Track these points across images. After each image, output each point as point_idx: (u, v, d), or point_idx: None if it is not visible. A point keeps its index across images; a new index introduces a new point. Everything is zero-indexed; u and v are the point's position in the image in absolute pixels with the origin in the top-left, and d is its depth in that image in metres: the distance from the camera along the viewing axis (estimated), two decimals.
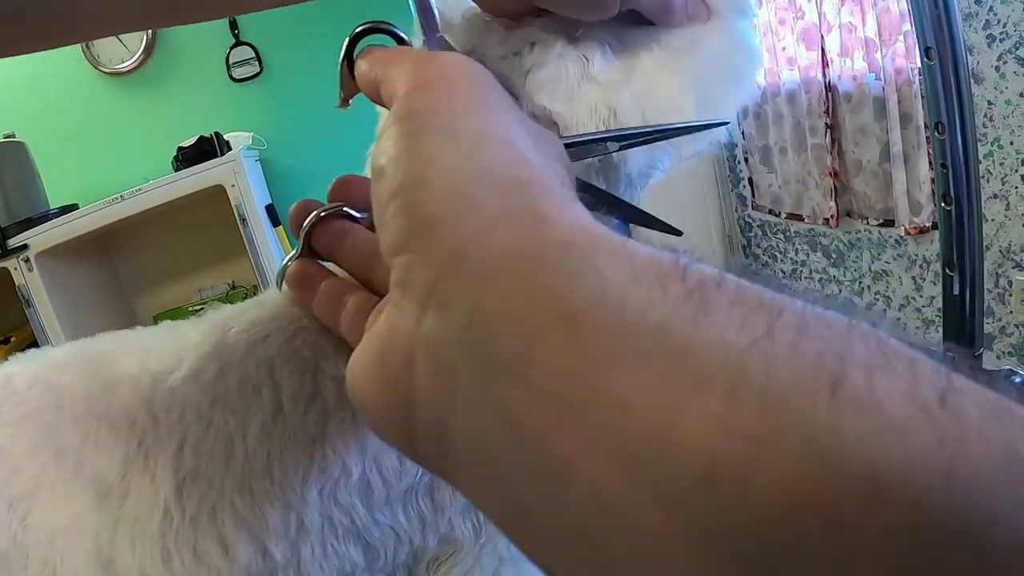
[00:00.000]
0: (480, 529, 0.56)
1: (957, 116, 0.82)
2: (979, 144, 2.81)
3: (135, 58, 3.68)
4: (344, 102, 0.50)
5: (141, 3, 0.40)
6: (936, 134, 0.84)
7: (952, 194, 0.85)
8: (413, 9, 0.63)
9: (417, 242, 0.30)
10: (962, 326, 0.92)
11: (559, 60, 0.54)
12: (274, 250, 3.37)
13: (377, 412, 0.32)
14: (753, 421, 0.20)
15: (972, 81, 2.82)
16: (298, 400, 0.50)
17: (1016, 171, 2.86)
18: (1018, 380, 0.95)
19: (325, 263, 0.49)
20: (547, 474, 0.24)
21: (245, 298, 0.61)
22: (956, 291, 0.90)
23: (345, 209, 0.47)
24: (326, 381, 0.51)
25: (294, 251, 0.49)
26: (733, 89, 0.60)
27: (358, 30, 0.45)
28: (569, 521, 0.24)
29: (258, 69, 3.80)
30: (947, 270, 0.90)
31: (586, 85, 0.54)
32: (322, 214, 0.47)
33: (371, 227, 0.47)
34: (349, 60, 0.46)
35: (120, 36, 3.48)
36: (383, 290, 0.41)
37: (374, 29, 0.45)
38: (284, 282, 0.49)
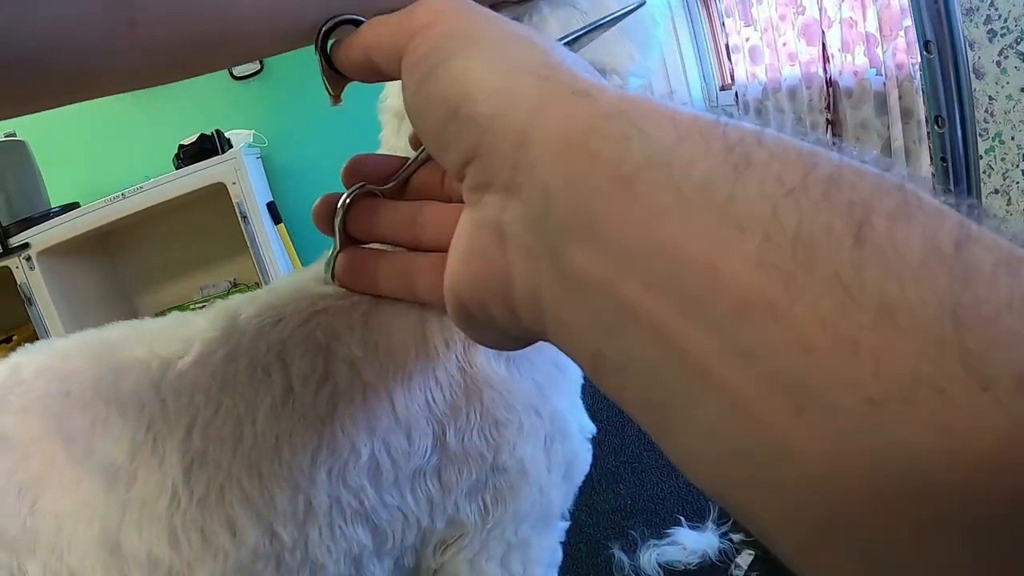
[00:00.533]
0: (488, 513, 0.56)
1: (957, 110, 0.82)
2: (980, 139, 2.82)
3: None
4: (336, 99, 0.49)
5: (154, 62, 0.41)
6: (936, 128, 0.84)
7: (952, 188, 0.85)
8: None
9: (483, 146, 0.32)
10: None
11: (553, 21, 0.55)
12: (275, 247, 3.37)
13: (479, 298, 0.36)
14: (785, 261, 0.23)
15: (973, 76, 2.82)
16: (309, 382, 0.51)
17: (1017, 166, 2.86)
18: None
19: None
20: (616, 318, 0.27)
21: None
22: None
23: (367, 187, 0.47)
24: (338, 363, 0.52)
25: (334, 245, 0.49)
26: None
27: (324, 27, 0.44)
28: (635, 358, 0.27)
29: (259, 67, 3.79)
30: None
31: (584, 21, 0.55)
32: (348, 200, 0.47)
33: (395, 197, 0.48)
34: (326, 57, 0.46)
35: None
36: (434, 244, 0.46)
37: (341, 22, 0.44)
38: (337, 278, 0.50)
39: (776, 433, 0.23)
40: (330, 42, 0.45)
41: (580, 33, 0.48)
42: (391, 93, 0.69)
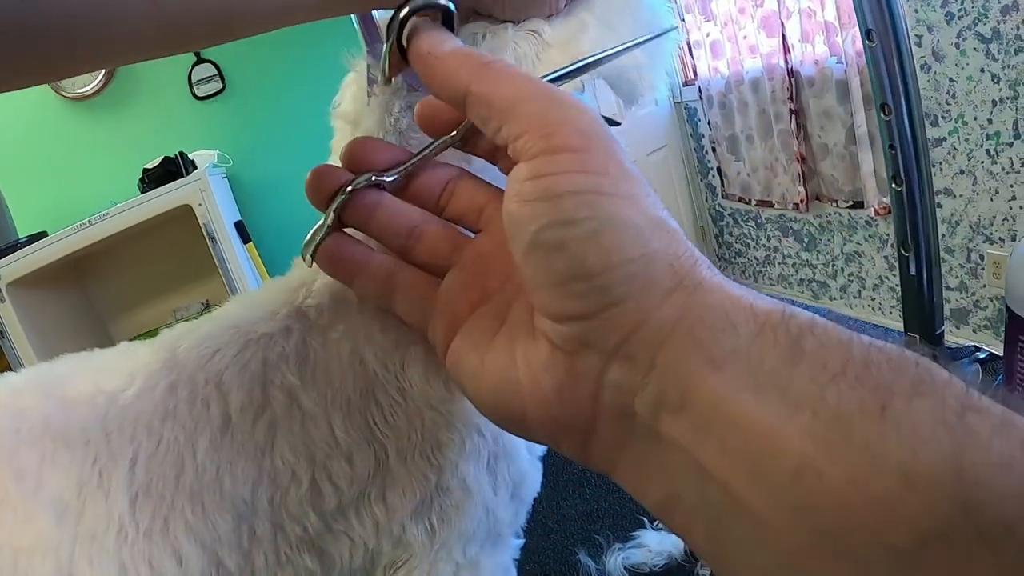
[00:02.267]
0: (434, 533, 0.56)
1: (903, 96, 0.82)
2: (943, 121, 2.84)
3: (96, 82, 3.66)
4: (388, 80, 0.49)
5: (165, 29, 0.40)
6: (882, 115, 0.84)
7: (902, 174, 0.85)
8: (356, 24, 0.63)
9: (605, 315, 0.35)
10: (921, 305, 0.92)
11: (514, 45, 0.54)
12: (245, 267, 3.36)
13: (548, 425, 0.39)
14: (828, 433, 0.29)
15: (933, 59, 2.84)
16: (246, 412, 0.51)
17: (981, 146, 2.88)
18: (983, 356, 0.96)
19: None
20: (692, 472, 0.33)
21: None
22: (913, 271, 0.90)
23: (375, 178, 0.46)
24: (274, 392, 0.52)
25: (322, 224, 0.47)
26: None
27: (409, 8, 0.42)
28: (705, 505, 0.33)
29: (221, 86, 3.78)
30: (902, 250, 0.89)
31: (544, 53, 0.55)
32: (352, 188, 0.46)
33: (396, 193, 0.48)
34: (399, 39, 0.43)
35: None
36: (422, 262, 0.48)
37: (427, 5, 0.42)
38: (315, 260, 0.48)
39: None
40: (408, 26, 0.43)
41: (597, 57, 0.48)
42: (346, 99, 0.68)
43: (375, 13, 0.61)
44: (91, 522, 0.48)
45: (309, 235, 0.47)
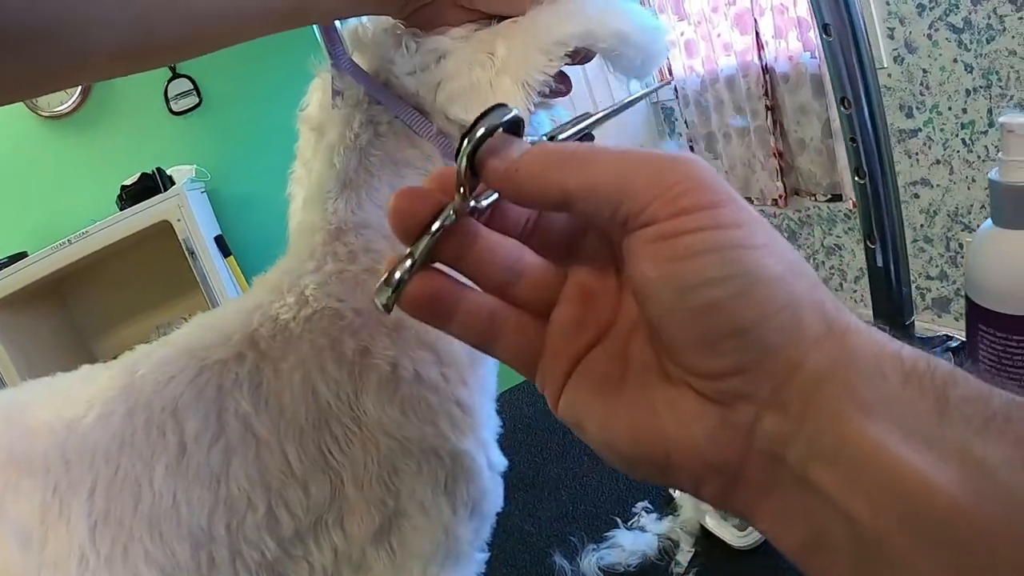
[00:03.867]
0: (394, 556, 0.56)
1: (862, 89, 0.83)
2: (918, 111, 2.85)
3: (73, 100, 3.64)
4: (464, 198, 0.38)
5: (151, 39, 0.42)
6: (843, 109, 0.84)
7: (865, 167, 0.85)
8: (319, 36, 0.63)
9: (760, 366, 0.35)
10: (890, 296, 0.92)
11: (469, 68, 0.55)
12: (226, 281, 3.35)
13: (698, 475, 0.38)
14: (978, 484, 0.30)
15: (907, 50, 2.86)
16: (201, 439, 0.51)
17: (957, 135, 2.90)
18: (955, 344, 0.96)
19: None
20: (839, 517, 0.33)
21: None
22: (880, 263, 0.90)
23: (473, 204, 0.38)
24: (229, 418, 0.52)
25: (408, 260, 0.38)
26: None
27: (481, 131, 0.37)
28: (852, 549, 0.33)
29: (197, 100, 3.77)
30: (868, 242, 0.90)
31: (498, 80, 0.55)
32: (455, 214, 0.38)
33: (488, 222, 0.41)
34: (471, 158, 0.37)
35: None
36: (524, 299, 0.43)
37: (501, 124, 0.37)
38: (403, 302, 0.39)
39: None
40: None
41: (605, 113, 0.46)
42: (312, 103, 0.68)
43: (337, 23, 0.61)
44: (54, 550, 0.48)
45: (387, 275, 0.38)
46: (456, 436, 0.57)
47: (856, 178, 0.87)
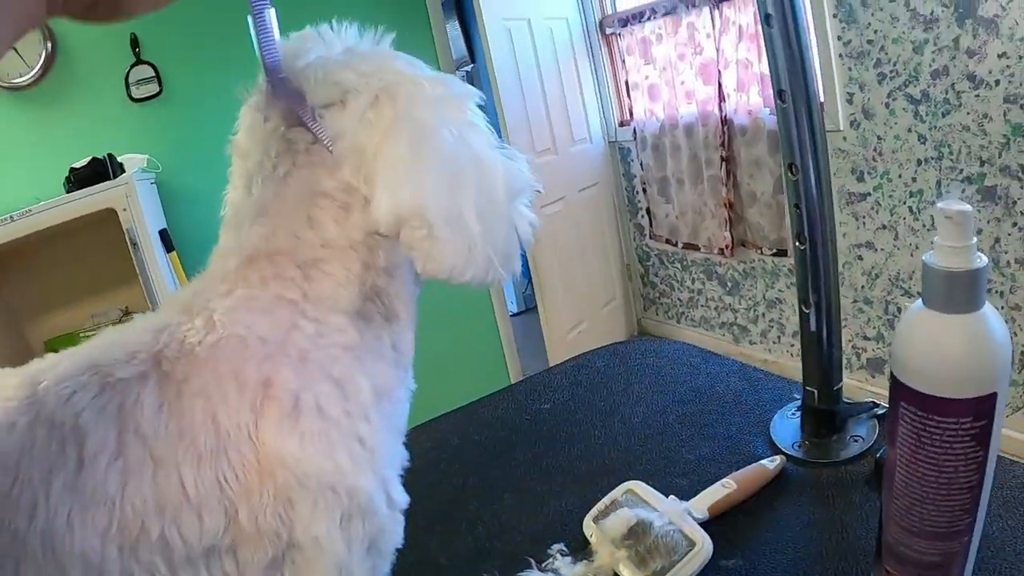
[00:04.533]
0: None
1: (811, 157, 0.84)
2: (869, 177, 2.91)
3: (33, 73, 3.57)
4: None
5: None
6: (789, 175, 0.86)
7: (807, 234, 0.87)
8: (256, 48, 0.63)
9: None
10: (821, 361, 0.94)
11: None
12: (166, 276, 3.30)
13: None
14: None
15: (863, 116, 2.92)
16: (100, 458, 0.50)
17: (904, 203, 2.96)
18: (880, 412, 0.98)
19: None
20: None
21: None
22: (813, 328, 0.92)
23: None
24: (128, 438, 0.51)
25: None
26: None
27: None
28: None
29: (158, 89, 3.72)
30: (803, 307, 0.92)
31: None
32: None
33: None
34: None
35: (18, 49, 3.40)
36: None
37: None
38: None
39: None
40: None
41: None
42: (241, 130, 0.68)
43: (274, 25, 0.61)
44: None
45: None
46: (355, 472, 0.57)
47: (797, 243, 0.88)
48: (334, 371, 0.58)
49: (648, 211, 4.52)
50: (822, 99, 3.04)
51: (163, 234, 3.39)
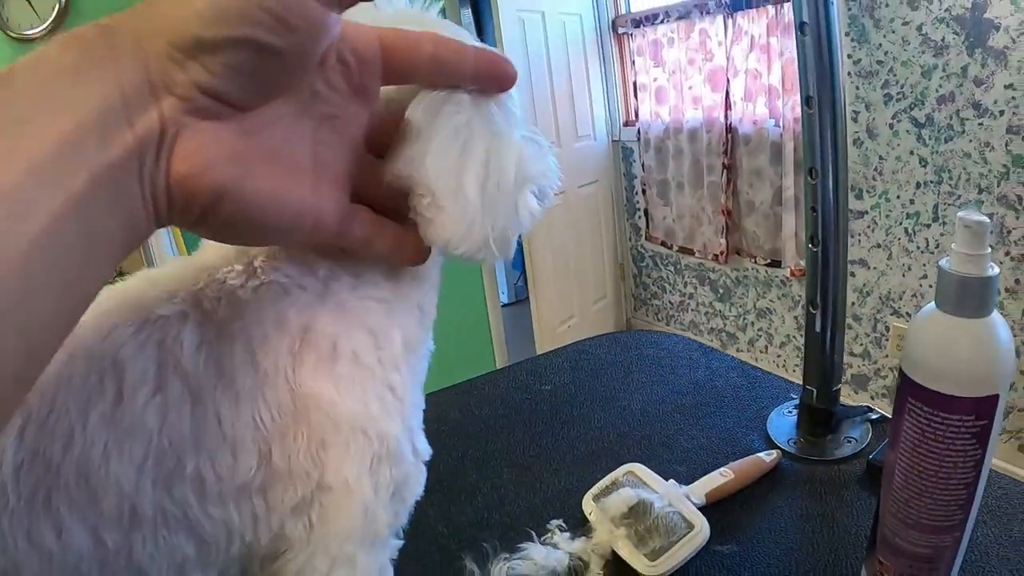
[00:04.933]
0: (313, 529, 0.56)
1: (831, 164, 0.86)
2: (867, 195, 2.94)
3: (45, 25, 3.56)
4: None
5: None
6: (809, 179, 0.88)
7: (820, 236, 0.90)
8: None
9: None
10: (823, 362, 0.97)
11: None
12: (164, 241, 3.30)
13: None
14: None
15: (867, 136, 2.94)
16: (139, 392, 0.50)
17: (900, 223, 2.99)
18: (875, 417, 1.01)
19: None
20: None
21: None
22: (818, 328, 0.95)
23: None
24: (167, 375, 0.51)
25: None
26: None
27: None
28: None
29: None
30: (811, 308, 0.94)
31: None
32: None
33: None
34: None
35: (32, 1, 3.39)
36: None
37: None
38: None
39: None
40: None
41: None
42: None
43: None
44: None
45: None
46: (386, 419, 0.58)
47: (810, 245, 0.91)
48: (369, 321, 0.59)
49: (646, 212, 4.55)
50: None
51: None
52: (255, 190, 0.43)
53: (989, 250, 0.57)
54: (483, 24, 5.43)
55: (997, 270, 0.57)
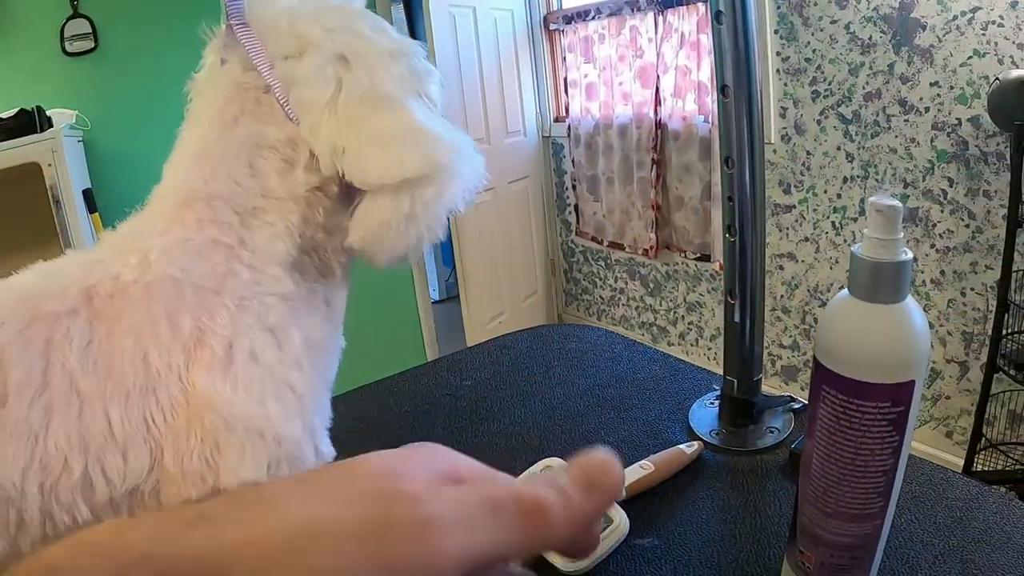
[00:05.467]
0: None
1: (747, 153, 0.86)
2: (795, 190, 2.97)
3: None
4: None
5: None
6: (726, 168, 0.87)
7: (737, 225, 0.89)
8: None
9: None
10: (742, 352, 0.96)
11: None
12: (87, 237, 3.23)
13: None
14: None
15: (795, 131, 2.97)
16: (24, 392, 0.49)
17: (827, 217, 3.03)
18: (797, 406, 1.01)
19: None
20: None
21: None
22: (737, 318, 0.94)
23: None
24: (55, 374, 0.50)
25: None
26: None
27: None
28: None
29: (93, 44, 3.63)
30: (729, 297, 0.93)
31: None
32: None
33: None
34: None
35: None
36: None
37: None
38: None
39: None
40: None
41: None
42: (205, 66, 0.67)
43: None
44: None
45: None
46: (285, 420, 0.57)
47: (727, 235, 0.90)
48: (269, 319, 0.58)
49: (576, 208, 4.55)
50: None
51: (87, 194, 3.31)
52: None
53: (902, 234, 0.56)
54: (414, 19, 5.41)
55: (911, 255, 0.56)
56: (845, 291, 0.59)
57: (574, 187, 4.50)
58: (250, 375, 0.55)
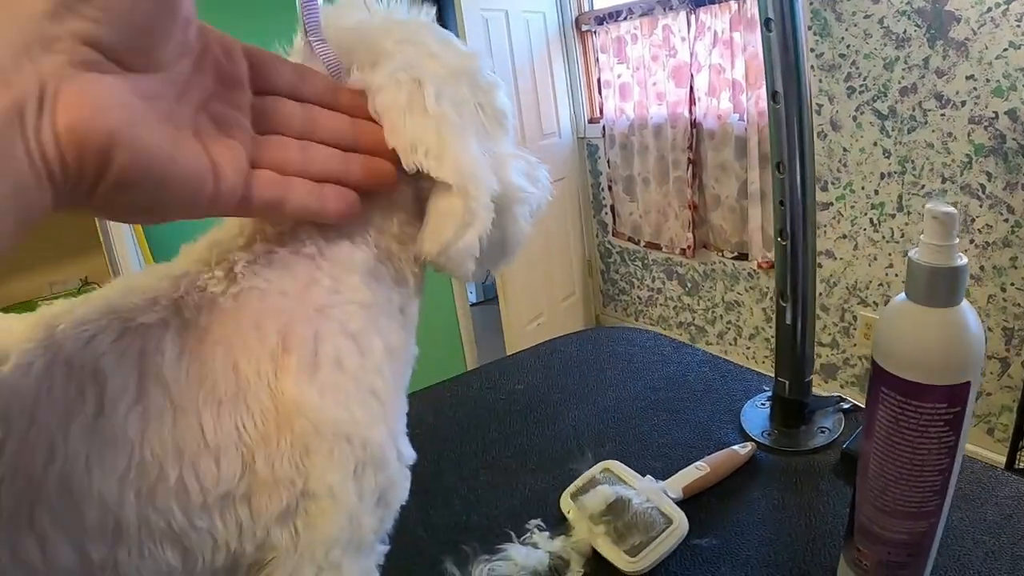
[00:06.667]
0: (298, 537, 0.56)
1: (798, 157, 0.87)
2: (832, 187, 2.96)
3: None
4: None
5: None
6: (777, 173, 0.89)
7: (788, 229, 0.91)
8: (298, 8, 0.64)
9: None
10: (794, 353, 0.97)
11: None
12: (129, 246, 3.25)
13: None
14: None
15: (831, 128, 2.96)
16: (120, 401, 0.50)
17: (865, 214, 3.01)
18: (847, 406, 1.02)
19: None
20: None
21: None
22: (789, 320, 0.95)
23: None
24: (149, 384, 0.51)
25: None
26: None
27: None
28: None
29: None
30: (781, 300, 0.95)
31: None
32: None
33: None
34: None
35: None
36: None
37: None
38: None
39: None
40: None
41: None
42: None
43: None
44: None
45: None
46: (369, 424, 0.58)
47: (779, 239, 0.91)
48: (351, 326, 0.59)
49: (612, 208, 4.55)
50: None
51: None
52: (149, 139, 0.42)
53: (957, 240, 0.57)
54: (446, 24, 5.39)
55: (965, 260, 0.57)
56: (902, 295, 0.60)
57: (610, 188, 4.50)
58: (335, 381, 0.56)
